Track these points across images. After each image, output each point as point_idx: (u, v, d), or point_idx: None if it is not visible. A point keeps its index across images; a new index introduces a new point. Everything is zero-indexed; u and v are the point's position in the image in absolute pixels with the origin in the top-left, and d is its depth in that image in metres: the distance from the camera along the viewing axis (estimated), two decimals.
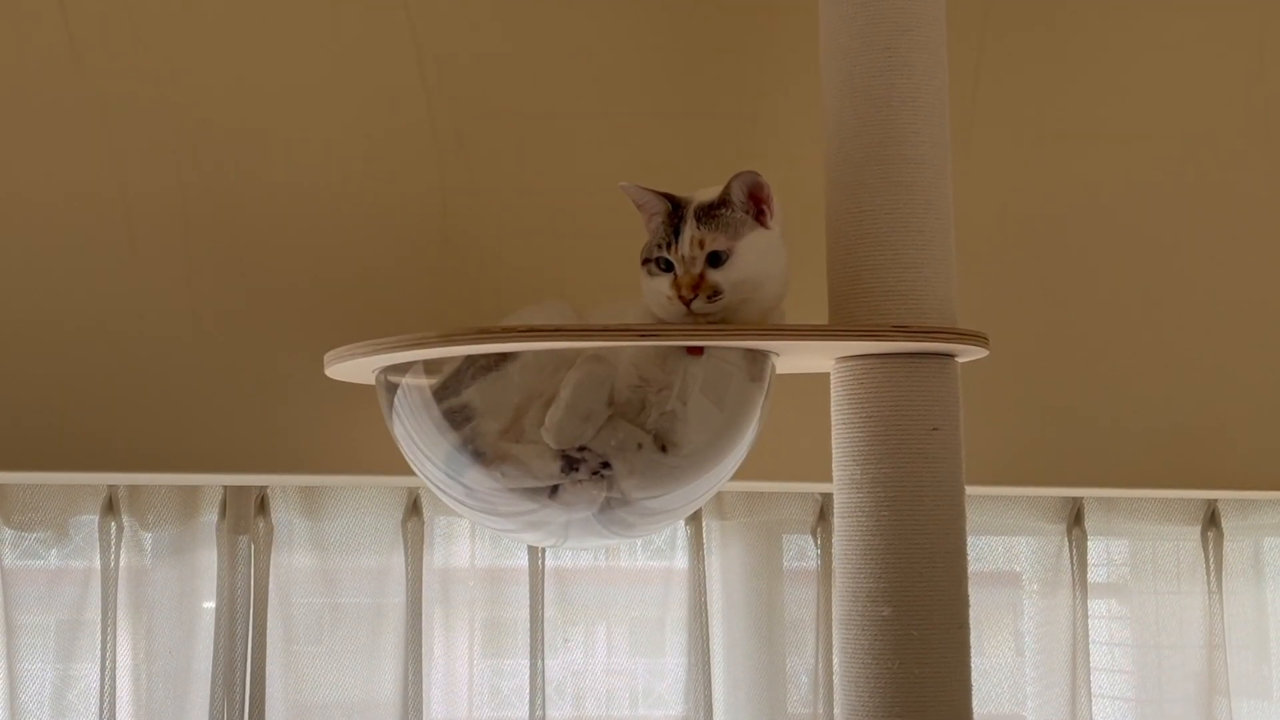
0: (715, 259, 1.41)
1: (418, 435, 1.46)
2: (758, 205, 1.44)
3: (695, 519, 1.92)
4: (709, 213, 1.43)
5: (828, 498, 1.93)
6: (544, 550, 1.89)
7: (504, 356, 1.42)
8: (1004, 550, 2.14)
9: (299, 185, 1.72)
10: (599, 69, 1.84)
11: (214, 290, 1.68)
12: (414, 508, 1.84)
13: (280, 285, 1.70)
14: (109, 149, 1.68)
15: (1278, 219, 2.07)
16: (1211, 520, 2.13)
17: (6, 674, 1.74)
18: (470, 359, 1.42)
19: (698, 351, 1.41)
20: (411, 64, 1.77)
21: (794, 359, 1.49)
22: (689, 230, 1.42)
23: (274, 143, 1.72)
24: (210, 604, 1.79)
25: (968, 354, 1.47)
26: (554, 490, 1.42)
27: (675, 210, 1.44)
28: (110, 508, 1.75)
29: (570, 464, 1.40)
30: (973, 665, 1.44)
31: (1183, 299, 2.01)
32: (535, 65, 1.81)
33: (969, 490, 1.46)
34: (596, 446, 1.40)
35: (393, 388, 1.47)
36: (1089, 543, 2.07)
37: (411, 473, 1.52)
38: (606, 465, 1.40)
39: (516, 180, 1.78)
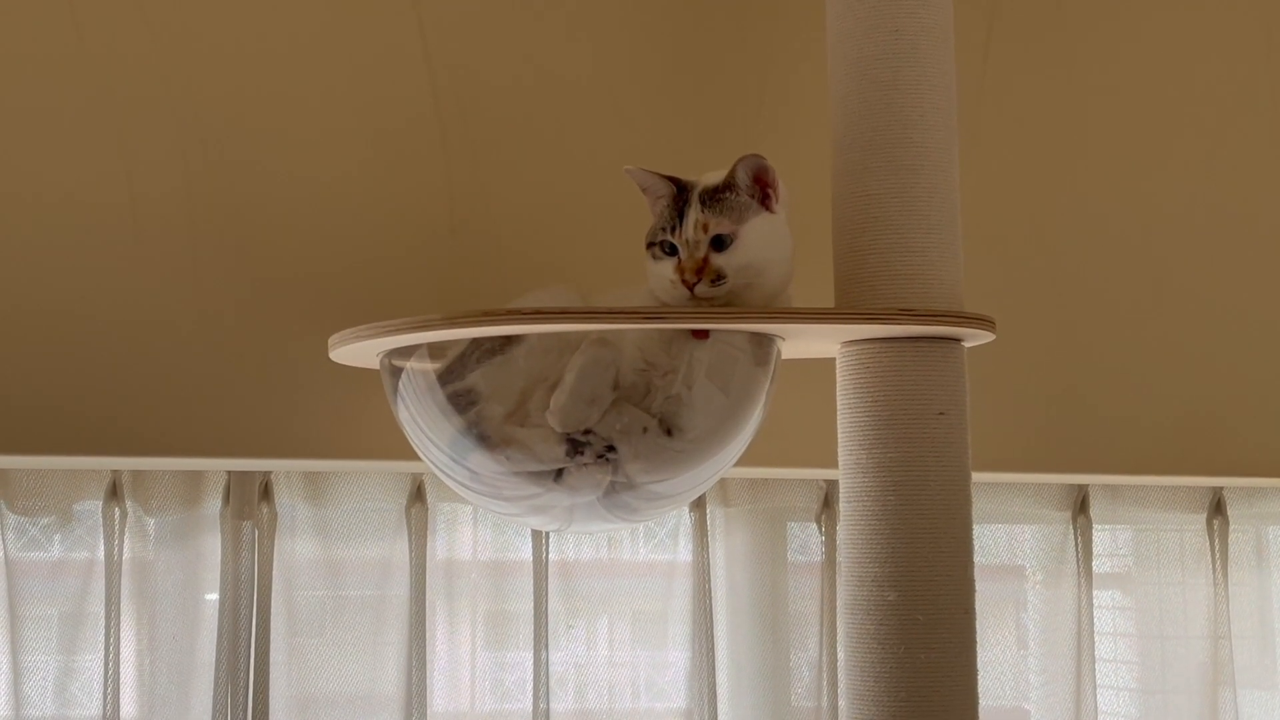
0: (719, 243, 1.41)
1: (422, 419, 1.46)
2: (763, 189, 1.44)
3: (699, 506, 1.92)
4: (714, 196, 1.43)
5: (832, 485, 1.93)
6: (547, 543, 1.88)
7: (509, 340, 1.42)
8: (1008, 543, 2.13)
9: (304, 173, 1.72)
10: (604, 54, 1.83)
11: (219, 276, 1.68)
12: (418, 493, 1.84)
13: (285, 272, 1.70)
14: (115, 137, 1.67)
15: None
16: (1217, 508, 2.13)
17: (10, 665, 1.74)
18: (475, 343, 1.42)
19: (703, 335, 1.41)
20: (417, 51, 1.77)
21: (799, 343, 1.49)
22: (693, 214, 1.42)
23: (279, 130, 1.72)
24: (214, 595, 1.79)
25: (974, 339, 1.47)
26: (559, 474, 1.41)
27: (680, 193, 1.45)
28: (114, 493, 1.75)
29: (575, 448, 1.40)
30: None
31: (1190, 286, 2.01)
32: (540, 51, 1.81)
33: (974, 477, 1.46)
34: (601, 430, 1.39)
35: (397, 372, 1.47)
36: (1094, 531, 2.07)
37: (416, 458, 1.52)
38: (611, 449, 1.40)
39: (522, 166, 1.78)
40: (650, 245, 1.45)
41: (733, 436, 1.46)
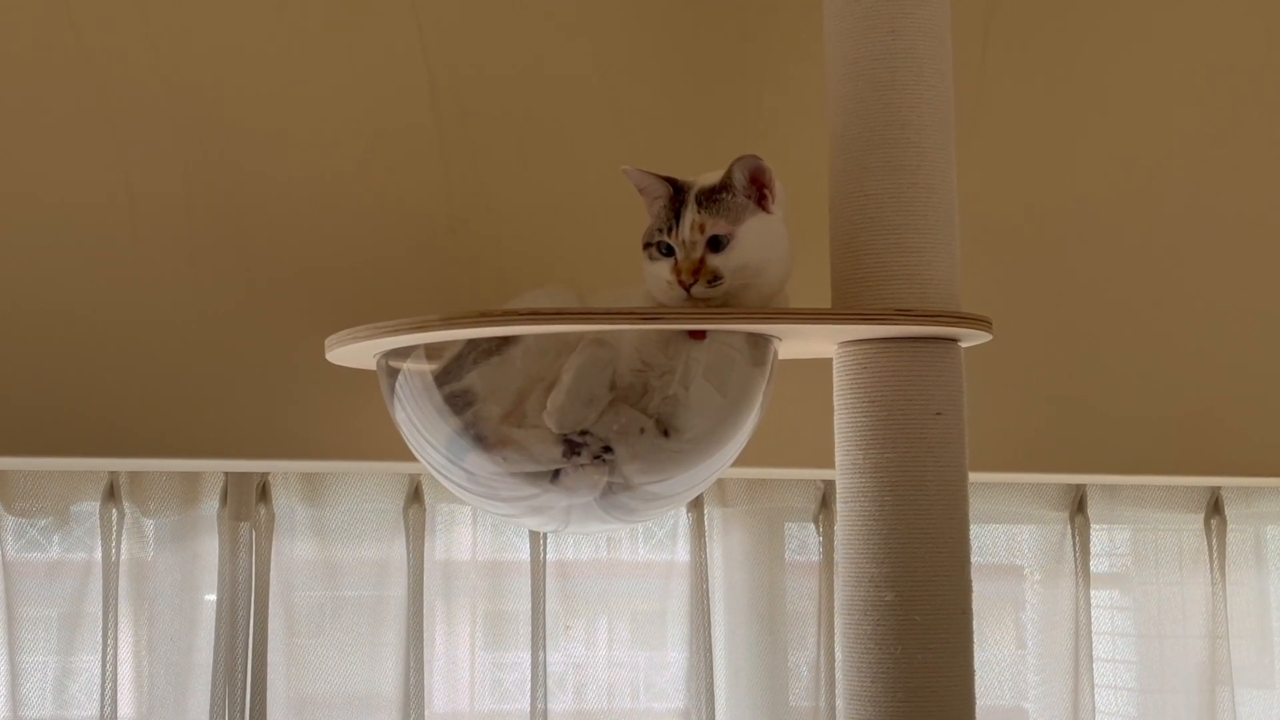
0: (716, 244, 1.41)
1: (419, 421, 1.46)
2: (759, 190, 1.44)
3: (697, 506, 1.92)
4: (710, 197, 1.43)
5: (830, 485, 1.93)
6: (545, 543, 1.88)
7: (506, 341, 1.42)
8: (1006, 542, 2.13)
9: (303, 173, 1.72)
10: (602, 53, 1.83)
11: (217, 276, 1.68)
12: (416, 494, 1.84)
13: (283, 272, 1.70)
14: (113, 138, 1.67)
15: None
16: (1215, 508, 2.12)
17: (9, 666, 1.74)
18: (472, 343, 1.42)
19: (700, 336, 1.41)
20: (415, 51, 1.76)
21: (797, 344, 1.49)
22: (690, 214, 1.42)
23: (278, 130, 1.72)
24: (212, 596, 1.79)
25: (971, 339, 1.47)
26: (556, 475, 1.41)
27: (677, 194, 1.45)
28: (111, 494, 1.75)
29: (572, 448, 1.40)
30: (974, 656, 1.44)
31: (1187, 285, 2.01)
32: (540, 51, 1.81)
33: (971, 477, 1.46)
34: (598, 431, 1.39)
35: (394, 373, 1.47)
36: (1091, 531, 2.07)
37: (413, 459, 1.52)
38: (608, 450, 1.40)
39: (521, 166, 1.78)
40: (647, 246, 1.45)
41: (730, 437, 1.46)
